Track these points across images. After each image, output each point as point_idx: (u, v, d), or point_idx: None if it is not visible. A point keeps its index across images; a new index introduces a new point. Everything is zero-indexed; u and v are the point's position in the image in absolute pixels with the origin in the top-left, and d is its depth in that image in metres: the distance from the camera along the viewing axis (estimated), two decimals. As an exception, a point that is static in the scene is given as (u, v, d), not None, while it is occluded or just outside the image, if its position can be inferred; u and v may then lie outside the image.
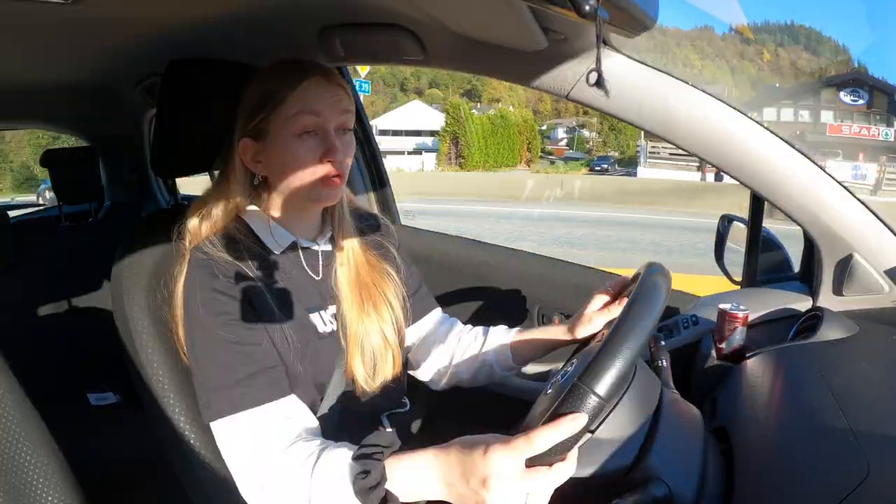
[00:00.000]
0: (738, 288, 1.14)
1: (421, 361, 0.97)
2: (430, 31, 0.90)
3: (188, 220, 0.77)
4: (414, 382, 0.97)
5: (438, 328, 0.97)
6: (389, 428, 0.86)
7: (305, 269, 0.82)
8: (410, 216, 2.45)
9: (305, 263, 0.82)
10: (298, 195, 0.77)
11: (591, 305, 0.85)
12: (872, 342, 0.83)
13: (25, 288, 1.70)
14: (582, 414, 0.54)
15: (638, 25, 0.64)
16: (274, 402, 0.68)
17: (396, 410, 0.89)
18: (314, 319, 0.80)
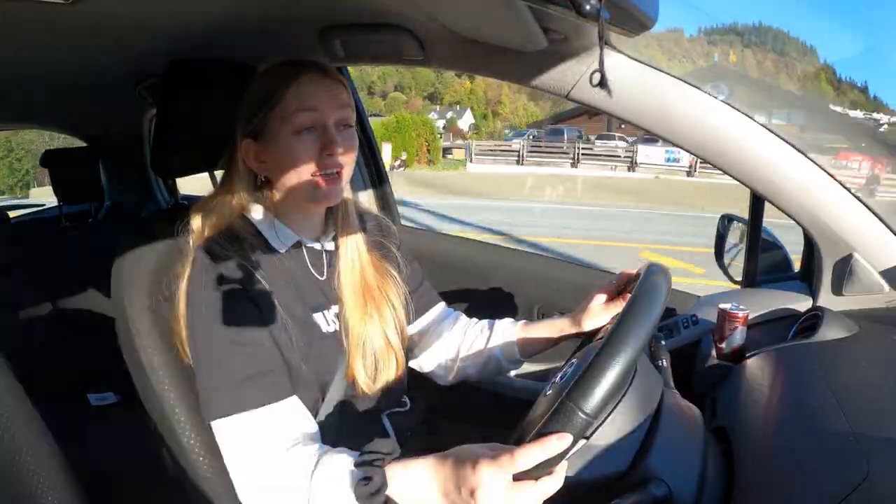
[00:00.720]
0: (738, 288, 1.14)
1: (427, 356, 0.97)
2: (430, 31, 0.89)
3: (192, 219, 0.77)
4: (414, 382, 0.97)
5: (443, 323, 0.97)
6: (389, 427, 0.86)
7: (309, 268, 0.82)
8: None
9: (309, 263, 0.82)
10: (299, 195, 0.77)
11: (595, 299, 0.85)
12: (872, 342, 0.83)
13: (25, 288, 1.70)
14: (567, 435, 0.54)
15: (638, 25, 0.64)
16: (275, 403, 0.68)
17: (396, 410, 0.89)
18: (317, 319, 0.79)
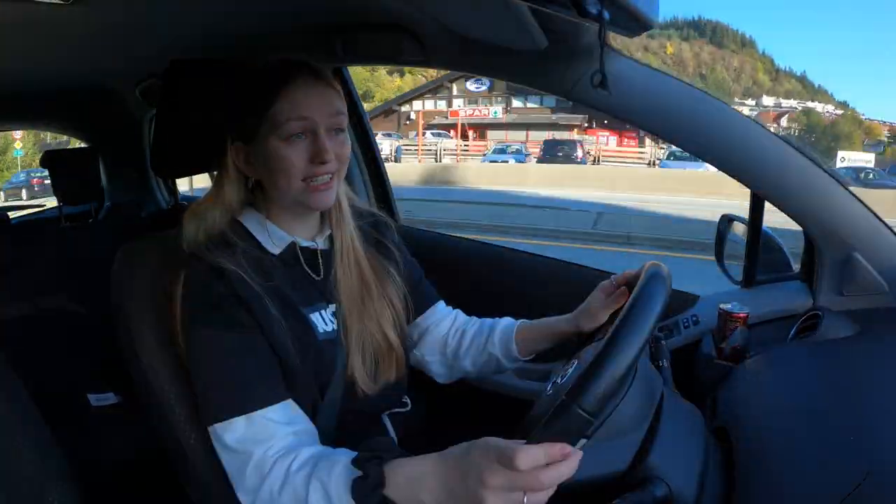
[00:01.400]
0: (738, 288, 1.14)
1: (425, 354, 0.97)
2: (430, 31, 0.89)
3: (184, 224, 0.76)
4: (415, 382, 0.96)
5: (442, 321, 0.97)
6: (390, 427, 0.86)
7: (305, 268, 0.81)
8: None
9: (305, 263, 0.81)
10: (290, 200, 0.76)
11: (595, 299, 0.85)
12: (872, 342, 0.83)
13: (26, 288, 1.70)
14: (568, 447, 0.51)
15: (638, 25, 0.64)
16: (272, 405, 0.68)
17: (397, 410, 0.89)
18: (315, 319, 0.79)
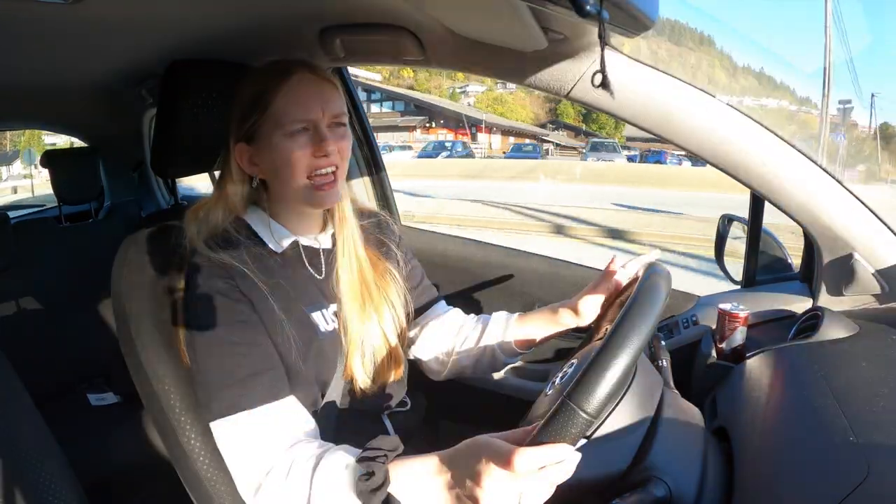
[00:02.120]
0: (738, 288, 1.14)
1: (422, 352, 0.97)
2: (430, 31, 0.89)
3: (188, 222, 0.77)
4: (415, 381, 0.97)
5: (441, 320, 0.97)
6: (390, 427, 0.86)
7: (307, 267, 0.82)
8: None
9: (307, 262, 0.82)
10: (296, 197, 0.77)
11: (589, 287, 0.86)
12: (872, 342, 0.83)
13: (26, 288, 1.70)
14: (567, 446, 0.52)
15: (638, 25, 0.64)
16: (273, 402, 0.68)
17: (397, 409, 0.89)
18: (316, 318, 0.79)
